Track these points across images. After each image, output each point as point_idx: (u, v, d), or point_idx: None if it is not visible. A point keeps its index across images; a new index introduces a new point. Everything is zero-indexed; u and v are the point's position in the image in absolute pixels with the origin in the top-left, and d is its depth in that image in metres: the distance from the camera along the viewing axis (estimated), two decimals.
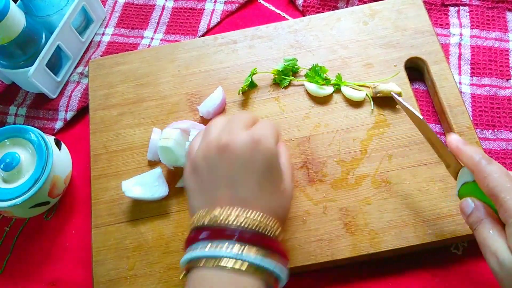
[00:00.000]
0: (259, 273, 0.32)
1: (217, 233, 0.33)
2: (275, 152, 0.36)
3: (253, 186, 0.34)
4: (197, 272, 0.33)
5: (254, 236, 0.33)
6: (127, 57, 0.57)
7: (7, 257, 0.51)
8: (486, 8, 0.58)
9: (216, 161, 0.35)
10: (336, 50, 0.54)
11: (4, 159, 0.47)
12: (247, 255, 0.32)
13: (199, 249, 0.33)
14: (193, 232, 0.35)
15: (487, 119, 0.52)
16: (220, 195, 0.35)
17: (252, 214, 0.33)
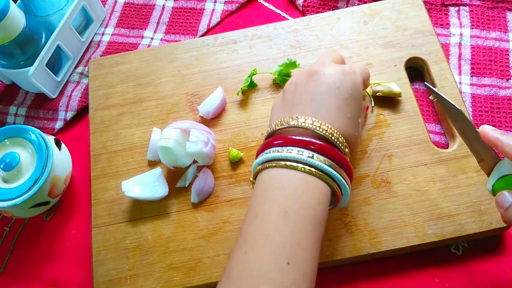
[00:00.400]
0: (326, 179, 0.35)
1: (290, 139, 0.36)
2: (360, 85, 0.39)
3: (334, 109, 0.37)
4: (268, 171, 0.36)
5: (325, 146, 0.35)
6: (127, 57, 0.57)
7: (7, 257, 0.51)
8: (486, 8, 0.58)
9: (304, 83, 0.38)
10: (336, 50, 0.54)
11: (4, 159, 0.47)
12: (317, 161, 0.35)
13: (272, 152, 0.36)
14: (267, 139, 0.38)
15: (487, 119, 0.52)
16: (302, 109, 0.37)
17: (327, 125, 0.36)
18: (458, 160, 0.47)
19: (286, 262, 0.31)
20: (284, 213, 0.33)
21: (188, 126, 0.48)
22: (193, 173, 0.49)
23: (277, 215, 0.33)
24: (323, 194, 0.35)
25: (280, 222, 0.33)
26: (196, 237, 0.46)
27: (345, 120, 0.37)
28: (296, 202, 0.34)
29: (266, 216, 0.34)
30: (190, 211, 0.48)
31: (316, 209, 0.34)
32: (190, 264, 0.45)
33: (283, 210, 0.33)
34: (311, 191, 0.34)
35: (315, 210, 0.34)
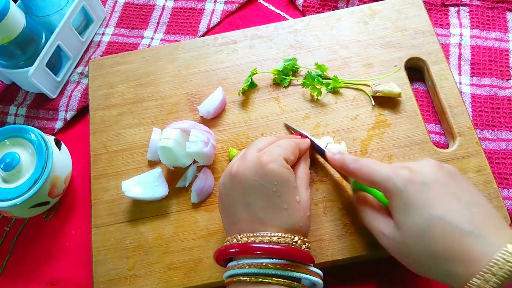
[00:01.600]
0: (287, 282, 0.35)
1: (244, 249, 0.36)
2: (281, 172, 0.37)
3: (267, 206, 0.37)
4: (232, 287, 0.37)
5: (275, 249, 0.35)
6: (127, 57, 0.57)
7: (7, 257, 0.51)
8: (486, 8, 0.58)
9: (231, 188, 0.39)
10: (336, 50, 0.54)
11: (4, 159, 0.47)
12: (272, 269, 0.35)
13: (231, 268, 0.37)
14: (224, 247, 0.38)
15: (487, 119, 0.52)
16: (240, 217, 0.38)
17: (269, 235, 0.36)
18: (458, 160, 0.47)
19: None
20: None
21: (188, 126, 0.48)
22: (193, 173, 0.49)
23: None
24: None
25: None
26: (196, 237, 0.46)
27: (283, 214, 0.37)
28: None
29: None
30: (190, 211, 0.48)
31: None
32: (190, 264, 0.45)
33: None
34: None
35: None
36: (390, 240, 0.37)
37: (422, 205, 0.34)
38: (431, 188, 0.35)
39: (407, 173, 0.36)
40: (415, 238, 0.34)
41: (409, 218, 0.35)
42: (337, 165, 0.42)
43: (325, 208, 0.46)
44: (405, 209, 0.35)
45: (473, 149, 0.47)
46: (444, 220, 0.33)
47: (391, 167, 0.37)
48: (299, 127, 0.50)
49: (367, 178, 0.38)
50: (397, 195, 0.36)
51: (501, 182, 0.49)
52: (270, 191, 0.37)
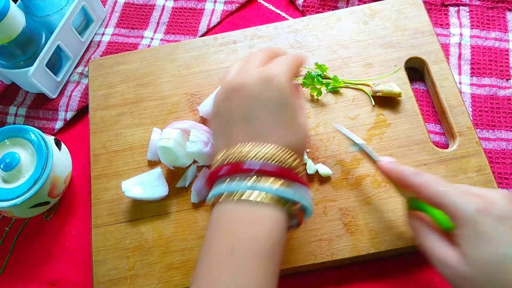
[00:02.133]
0: (277, 203, 0.33)
1: (235, 169, 0.34)
2: (286, 88, 0.36)
3: (267, 121, 0.35)
4: (218, 207, 0.34)
5: (270, 168, 0.33)
6: (127, 57, 0.57)
7: (7, 257, 0.51)
8: (486, 8, 0.58)
9: (232, 101, 0.36)
10: (336, 50, 0.54)
11: (4, 159, 0.47)
12: (263, 186, 0.33)
13: (218, 185, 0.34)
14: (213, 169, 0.36)
15: (487, 119, 0.52)
16: (237, 132, 0.35)
17: (267, 147, 0.34)
18: (458, 160, 0.47)
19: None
20: (231, 250, 0.32)
21: (188, 126, 0.48)
22: (193, 173, 0.49)
23: (224, 253, 0.32)
24: (274, 221, 0.33)
25: (228, 261, 0.31)
26: (196, 237, 0.46)
27: (283, 131, 0.35)
28: (243, 236, 0.32)
29: (214, 255, 0.33)
30: (190, 211, 0.48)
31: (268, 239, 0.32)
32: (190, 264, 0.45)
33: (230, 247, 0.32)
34: (260, 222, 0.32)
35: (265, 240, 0.32)
36: (454, 272, 0.33)
37: (498, 240, 0.32)
38: (508, 223, 0.32)
39: (481, 202, 0.33)
40: (487, 276, 0.31)
41: (482, 253, 0.32)
42: (394, 176, 0.39)
43: (325, 208, 0.46)
44: (477, 242, 0.32)
45: (473, 149, 0.47)
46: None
47: (461, 191, 0.34)
48: None
49: (433, 199, 0.35)
50: (468, 225, 0.33)
51: (501, 182, 0.49)
52: (273, 105, 0.35)
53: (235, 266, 0.31)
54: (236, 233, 0.33)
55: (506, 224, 0.32)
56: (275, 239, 0.33)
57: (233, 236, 0.32)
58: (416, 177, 0.37)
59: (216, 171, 0.35)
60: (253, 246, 0.32)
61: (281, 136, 0.35)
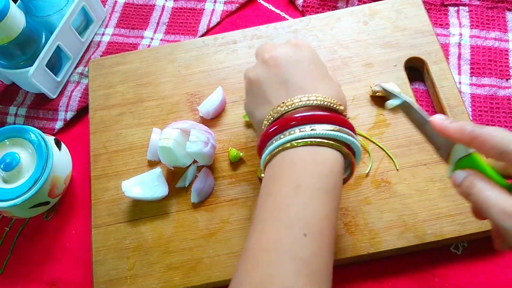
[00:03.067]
0: (335, 145, 0.35)
1: (287, 122, 0.35)
2: (313, 48, 0.40)
3: (306, 77, 0.37)
4: (276, 157, 0.36)
5: (321, 114, 0.35)
6: (127, 57, 0.57)
7: (7, 257, 0.51)
8: (486, 8, 0.58)
9: (266, 73, 0.39)
10: (336, 50, 0.54)
11: (4, 159, 0.47)
12: (319, 131, 0.34)
13: (275, 141, 0.35)
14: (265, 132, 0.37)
15: (487, 119, 0.52)
16: (279, 95, 0.37)
17: (314, 95, 0.36)
18: None
19: (303, 233, 0.31)
20: (296, 187, 0.33)
21: (188, 126, 0.48)
22: (193, 173, 0.49)
23: (289, 189, 0.33)
24: (334, 160, 0.35)
25: (293, 196, 0.33)
26: (196, 237, 0.46)
27: (322, 83, 0.37)
28: (307, 174, 0.33)
29: (278, 193, 0.34)
30: (190, 211, 0.48)
31: (329, 177, 0.34)
32: (190, 264, 0.45)
33: (295, 184, 0.33)
34: (321, 161, 0.34)
35: (327, 178, 0.34)
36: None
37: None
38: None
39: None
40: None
41: None
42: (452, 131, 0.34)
43: None
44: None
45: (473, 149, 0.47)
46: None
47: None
48: None
49: (500, 146, 0.30)
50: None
51: None
52: (306, 65, 0.38)
53: (302, 200, 0.32)
54: (300, 171, 0.34)
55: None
56: (336, 177, 0.34)
57: (298, 174, 0.34)
58: (480, 128, 0.32)
59: (267, 131, 0.36)
60: (318, 183, 0.33)
61: (322, 88, 0.37)
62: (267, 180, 0.36)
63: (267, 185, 0.35)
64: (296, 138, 0.34)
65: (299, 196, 0.33)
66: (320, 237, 0.32)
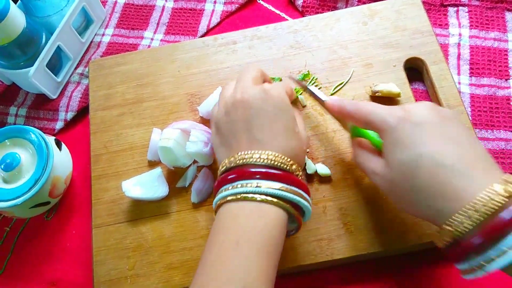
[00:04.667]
0: (280, 203, 0.35)
1: (240, 173, 0.37)
2: (285, 98, 0.40)
3: (267, 129, 0.38)
4: (224, 207, 0.37)
5: (269, 172, 0.36)
6: (127, 57, 0.57)
7: (8, 257, 0.51)
8: (485, 8, 0.59)
9: (233, 114, 0.40)
10: (335, 50, 0.54)
11: (4, 159, 0.48)
12: (264, 188, 0.35)
13: (224, 190, 0.37)
14: (219, 178, 0.39)
15: (486, 119, 0.52)
16: (239, 141, 0.39)
17: (266, 153, 0.37)
18: None
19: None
20: (236, 241, 0.34)
21: (188, 126, 0.48)
22: (193, 173, 0.49)
23: (230, 243, 0.34)
24: (276, 219, 0.35)
25: (232, 250, 0.34)
26: (196, 237, 0.47)
27: (282, 138, 0.38)
28: (247, 230, 0.35)
29: (220, 246, 0.35)
30: (190, 211, 0.48)
31: (269, 235, 0.35)
32: (190, 264, 0.45)
33: (235, 238, 0.34)
34: (263, 218, 0.35)
35: (267, 236, 0.35)
36: (380, 178, 0.37)
37: (412, 143, 0.35)
38: (424, 128, 0.35)
39: (402, 112, 0.36)
40: (402, 174, 0.35)
41: (398, 155, 0.35)
42: (336, 109, 0.43)
43: (324, 208, 0.46)
44: (395, 146, 0.35)
45: None
46: (432, 158, 0.33)
47: (387, 107, 0.38)
48: None
49: (364, 118, 0.39)
50: (389, 133, 0.36)
51: None
52: (271, 115, 0.38)
53: (242, 255, 0.34)
54: (242, 226, 0.35)
55: (422, 129, 0.35)
56: (277, 234, 0.35)
57: (239, 229, 0.35)
58: (351, 106, 0.41)
59: (223, 177, 0.38)
60: (258, 239, 0.34)
61: (280, 143, 0.38)
62: (213, 229, 0.37)
63: (212, 235, 0.37)
64: (242, 192, 0.35)
65: (237, 252, 0.34)
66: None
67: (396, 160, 0.35)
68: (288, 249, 0.45)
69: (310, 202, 0.38)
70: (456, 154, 0.33)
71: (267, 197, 0.35)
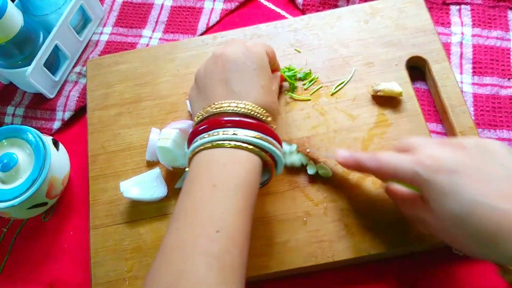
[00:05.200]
0: (255, 150, 0.37)
1: (214, 123, 0.37)
2: (264, 56, 0.41)
3: (245, 82, 0.39)
4: (198, 155, 0.37)
5: (246, 121, 0.37)
6: (126, 56, 0.57)
7: (5, 258, 0.51)
8: (488, 7, 0.58)
9: (212, 67, 0.41)
10: (336, 49, 0.54)
11: (1, 159, 0.47)
12: (241, 136, 0.36)
13: (199, 139, 0.37)
14: (194, 128, 0.39)
15: (489, 118, 0.51)
16: (216, 93, 0.39)
17: (243, 103, 0.38)
18: None
19: (216, 230, 0.33)
20: (212, 186, 0.35)
21: (187, 126, 0.47)
22: None
23: (205, 189, 0.35)
24: (252, 164, 0.36)
25: (209, 195, 0.34)
26: None
27: (259, 90, 0.39)
28: (224, 174, 0.35)
29: (195, 192, 0.35)
30: None
31: (246, 178, 0.36)
32: None
33: (211, 183, 0.35)
34: (238, 162, 0.36)
35: (244, 179, 0.35)
36: (433, 228, 0.37)
37: (454, 192, 0.34)
38: (460, 174, 0.34)
39: (431, 162, 0.35)
40: (456, 225, 0.34)
41: (445, 206, 0.34)
42: (352, 166, 0.42)
43: (325, 209, 0.46)
44: (438, 198, 0.35)
45: None
46: (480, 203, 0.33)
47: (412, 158, 0.36)
48: (298, 127, 0.50)
49: (390, 176, 0.38)
50: (426, 187, 0.35)
51: None
52: (251, 69, 0.39)
53: (217, 199, 0.34)
54: (217, 171, 0.36)
55: (458, 175, 0.34)
56: (252, 178, 0.36)
57: (215, 174, 0.36)
58: (371, 162, 0.39)
59: (196, 128, 0.38)
60: (234, 182, 0.35)
61: (257, 96, 0.39)
62: (188, 178, 0.37)
63: (187, 183, 0.37)
64: (218, 139, 0.36)
65: (214, 195, 0.34)
66: (232, 234, 0.33)
67: (444, 212, 0.34)
68: (289, 251, 0.44)
69: (283, 154, 0.39)
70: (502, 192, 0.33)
71: (243, 144, 0.36)
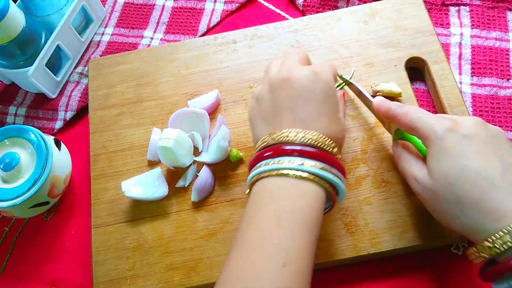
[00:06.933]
0: (318, 181, 0.35)
1: (279, 151, 0.36)
2: (332, 83, 0.39)
3: (312, 110, 0.38)
4: (262, 182, 0.36)
5: (313, 152, 0.36)
6: (127, 57, 0.57)
7: (7, 257, 0.51)
8: (487, 7, 0.58)
9: (279, 92, 0.39)
10: (336, 49, 0.54)
11: (3, 159, 0.47)
12: (307, 166, 0.35)
13: (263, 165, 0.36)
14: (258, 153, 0.38)
15: (488, 119, 0.52)
16: (282, 119, 0.38)
17: (310, 133, 0.36)
18: None
19: (282, 264, 0.32)
20: (278, 217, 0.34)
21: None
22: (193, 173, 0.49)
23: (271, 219, 0.34)
24: (316, 197, 0.35)
25: (275, 226, 0.33)
26: (196, 237, 0.46)
27: (326, 120, 0.38)
28: (289, 207, 0.34)
29: (260, 222, 0.34)
30: (190, 211, 0.48)
31: (310, 212, 0.35)
32: (190, 264, 0.45)
33: (277, 214, 0.34)
34: (304, 196, 0.35)
35: (309, 213, 0.35)
36: (422, 186, 0.37)
37: (458, 155, 0.34)
38: (471, 142, 0.35)
39: (450, 123, 0.36)
40: (445, 185, 0.35)
41: (443, 165, 0.35)
42: (383, 110, 0.43)
43: None
44: (440, 156, 0.35)
45: None
46: (477, 172, 0.33)
47: (435, 116, 0.38)
48: None
49: (410, 123, 0.39)
50: (435, 142, 0.36)
51: None
52: (318, 98, 0.38)
53: (284, 231, 0.33)
54: (283, 203, 0.35)
55: (470, 142, 0.35)
56: (317, 213, 0.35)
57: (280, 204, 0.35)
58: (398, 108, 0.41)
59: (260, 154, 0.37)
60: (299, 215, 0.34)
61: (324, 125, 0.37)
62: (251, 205, 0.36)
63: (250, 211, 0.36)
64: (283, 168, 0.35)
65: (280, 227, 0.33)
66: (298, 269, 0.33)
67: (440, 170, 0.35)
68: None
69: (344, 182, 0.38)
70: (503, 172, 0.33)
71: (310, 175, 0.35)
